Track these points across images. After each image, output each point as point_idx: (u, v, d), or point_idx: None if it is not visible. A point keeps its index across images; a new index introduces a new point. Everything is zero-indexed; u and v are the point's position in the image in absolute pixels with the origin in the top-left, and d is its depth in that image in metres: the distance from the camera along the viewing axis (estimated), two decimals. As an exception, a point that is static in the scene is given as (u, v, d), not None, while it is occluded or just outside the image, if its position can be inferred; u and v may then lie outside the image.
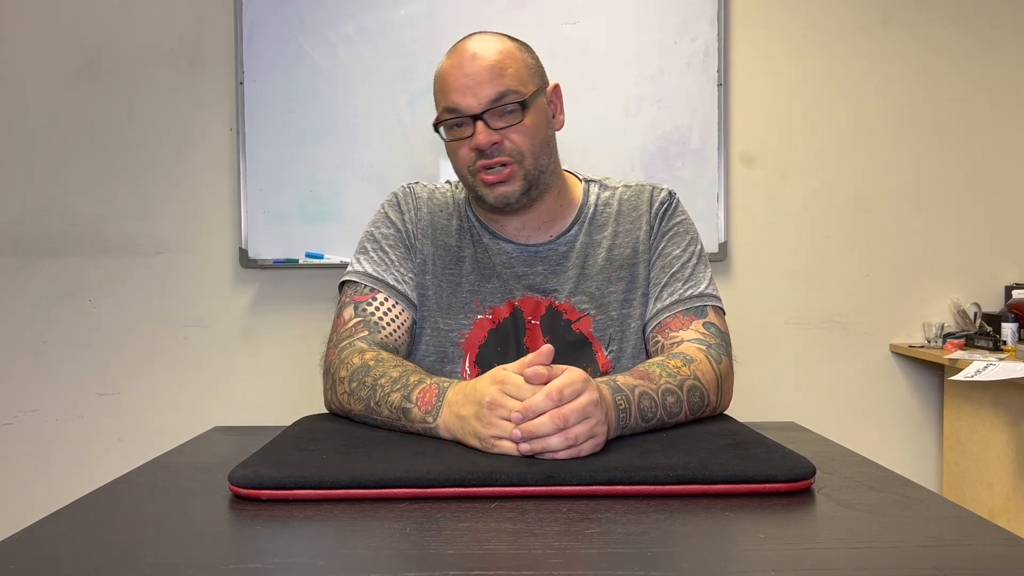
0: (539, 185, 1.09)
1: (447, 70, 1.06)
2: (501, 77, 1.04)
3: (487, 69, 1.03)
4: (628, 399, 0.85)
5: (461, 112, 1.04)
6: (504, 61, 1.05)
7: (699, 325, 1.06)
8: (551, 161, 1.11)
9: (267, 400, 2.38)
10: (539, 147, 1.07)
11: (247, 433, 1.02)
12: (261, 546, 0.61)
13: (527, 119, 1.05)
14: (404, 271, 1.13)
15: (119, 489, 0.77)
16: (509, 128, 1.04)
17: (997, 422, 2.06)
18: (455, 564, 0.55)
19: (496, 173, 1.05)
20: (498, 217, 1.13)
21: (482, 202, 1.09)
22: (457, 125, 1.06)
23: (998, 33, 2.44)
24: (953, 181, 2.45)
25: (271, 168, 2.32)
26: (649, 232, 1.14)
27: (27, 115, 2.37)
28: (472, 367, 1.10)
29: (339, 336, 1.06)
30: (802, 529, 0.65)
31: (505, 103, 1.03)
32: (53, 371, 2.38)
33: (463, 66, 1.04)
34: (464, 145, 1.06)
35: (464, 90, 1.03)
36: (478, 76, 1.03)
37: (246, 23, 2.30)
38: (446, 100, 1.05)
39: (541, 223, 1.14)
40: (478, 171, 1.06)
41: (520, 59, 1.07)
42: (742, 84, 2.39)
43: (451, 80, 1.05)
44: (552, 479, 0.70)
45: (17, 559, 0.57)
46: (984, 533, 0.62)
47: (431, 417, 0.86)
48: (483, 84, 1.03)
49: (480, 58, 1.04)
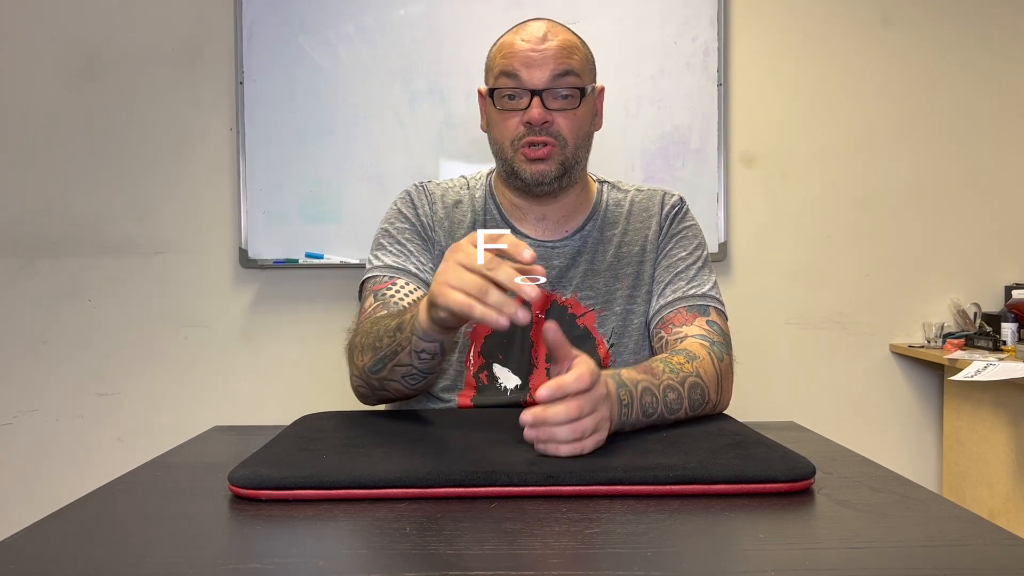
0: (572, 175, 1.11)
1: (513, 41, 1.07)
2: (568, 58, 1.06)
3: (556, 48, 1.05)
4: (631, 394, 0.86)
5: (521, 82, 1.05)
6: (572, 47, 1.07)
7: (702, 322, 1.07)
8: (586, 157, 1.14)
9: (267, 400, 2.38)
10: (581, 139, 1.10)
11: (247, 433, 1.02)
12: (261, 546, 0.61)
13: (580, 108, 1.08)
14: (424, 260, 1.13)
15: (119, 489, 0.77)
16: (561, 112, 1.06)
17: (997, 422, 2.06)
18: (455, 564, 0.55)
19: (539, 150, 1.06)
20: (523, 202, 1.14)
21: (515, 179, 1.10)
22: (510, 97, 1.07)
23: (998, 33, 2.44)
24: (953, 181, 2.45)
25: (271, 168, 2.31)
26: (658, 232, 1.16)
27: (27, 115, 2.37)
28: (476, 356, 1.11)
29: (359, 321, 1.08)
30: (802, 529, 0.65)
31: (566, 85, 1.05)
32: (53, 371, 2.37)
33: (532, 41, 1.06)
34: (514, 116, 1.07)
35: (530, 62, 1.05)
36: (546, 52, 1.05)
37: (246, 23, 2.30)
38: (507, 66, 1.06)
39: (561, 216, 1.16)
40: (522, 145, 1.07)
41: (584, 52, 1.10)
42: (742, 84, 2.39)
43: (517, 50, 1.06)
44: (552, 479, 0.70)
45: (17, 559, 0.57)
46: (984, 533, 0.62)
47: (419, 307, 0.84)
48: (549, 60, 1.05)
49: (550, 38, 1.06)
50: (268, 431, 0.97)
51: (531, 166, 1.07)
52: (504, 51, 1.08)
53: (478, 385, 1.10)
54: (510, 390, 1.10)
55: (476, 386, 1.10)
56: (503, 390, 1.10)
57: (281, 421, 1.01)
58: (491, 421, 0.95)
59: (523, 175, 1.08)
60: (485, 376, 1.11)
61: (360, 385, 1.01)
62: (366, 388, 1.00)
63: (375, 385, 0.98)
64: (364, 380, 0.99)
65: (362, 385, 1.01)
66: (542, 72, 1.05)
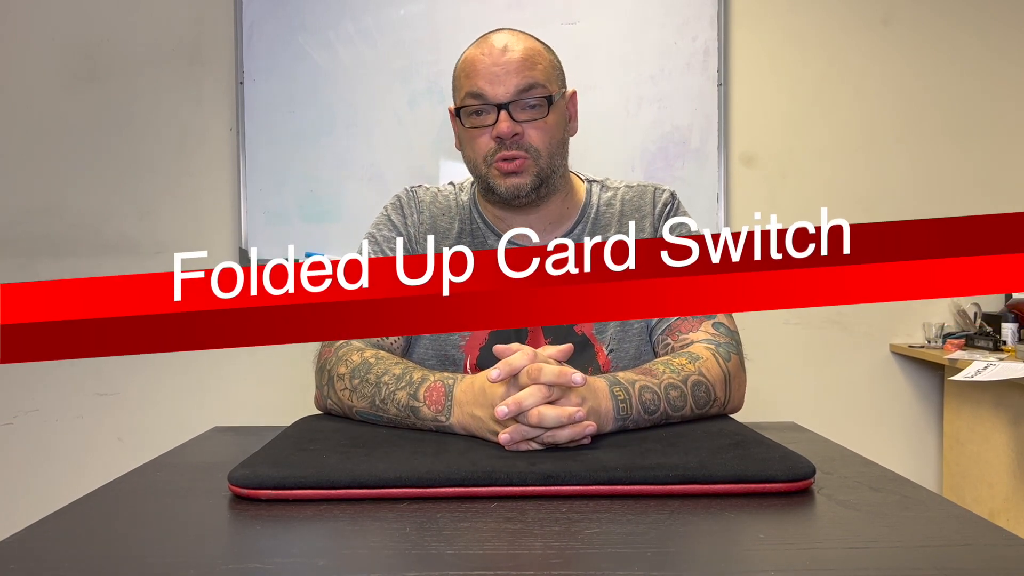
0: (549, 185, 1.09)
1: (475, 57, 1.06)
2: (531, 70, 1.05)
3: (517, 61, 1.04)
4: (627, 391, 0.86)
5: (486, 99, 1.04)
6: (534, 57, 1.06)
7: (708, 326, 1.06)
8: (563, 164, 1.12)
9: (267, 400, 2.38)
10: (555, 147, 1.08)
11: (247, 433, 1.02)
12: (261, 546, 0.61)
13: (550, 117, 1.06)
14: None
15: (119, 489, 0.77)
16: (531, 123, 1.05)
17: (997, 422, 2.06)
18: (455, 564, 0.55)
19: (511, 163, 1.05)
20: (505, 215, 1.13)
21: (492, 194, 1.10)
22: (478, 113, 1.06)
23: (999, 32, 2.44)
24: (953, 180, 2.45)
25: (271, 168, 2.31)
26: (653, 234, 1.14)
27: (27, 115, 2.37)
28: (473, 369, 1.10)
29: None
30: (802, 529, 0.65)
31: (532, 96, 1.04)
32: (53, 371, 2.37)
33: (493, 55, 1.05)
34: (484, 133, 1.06)
35: (492, 78, 1.04)
36: (508, 66, 1.04)
37: (246, 23, 2.30)
38: (471, 86, 1.05)
39: (547, 224, 1.14)
40: (495, 161, 1.06)
41: (548, 58, 1.09)
42: (742, 84, 2.39)
43: (479, 67, 1.05)
44: (552, 479, 0.70)
45: (17, 559, 0.57)
46: (984, 533, 0.62)
47: (443, 416, 0.87)
48: (512, 74, 1.04)
49: (511, 50, 1.05)
50: (268, 431, 0.97)
51: (505, 180, 1.06)
52: (467, 69, 1.07)
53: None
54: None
55: None
56: None
57: (281, 421, 1.01)
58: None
59: (498, 190, 1.08)
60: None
61: (333, 408, 1.00)
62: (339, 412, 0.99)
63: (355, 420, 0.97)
64: (342, 412, 0.98)
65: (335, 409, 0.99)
66: (506, 86, 1.04)
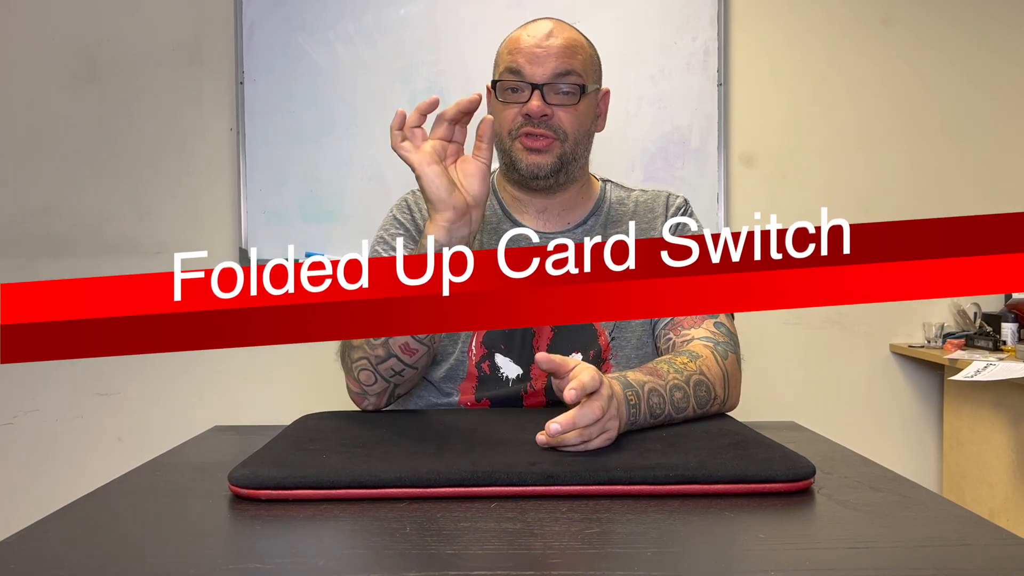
0: (569, 171, 1.12)
1: (520, 37, 1.10)
2: (571, 58, 1.08)
3: (560, 47, 1.08)
4: (638, 395, 0.87)
5: (523, 77, 1.08)
6: (575, 47, 1.10)
7: (710, 324, 1.09)
8: (585, 155, 1.15)
9: (267, 400, 2.38)
10: (581, 135, 1.12)
11: (247, 433, 1.02)
12: (261, 546, 0.61)
13: (580, 105, 1.10)
14: None
15: (119, 489, 0.77)
16: (561, 107, 1.09)
17: (997, 422, 2.06)
18: (455, 564, 0.55)
19: (537, 141, 1.08)
20: (523, 196, 1.16)
21: (513, 171, 1.12)
22: (513, 90, 1.09)
23: (999, 32, 2.44)
24: (953, 180, 2.44)
25: (271, 168, 2.32)
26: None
27: (27, 115, 2.36)
28: (478, 347, 1.12)
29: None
30: (802, 529, 0.65)
31: (566, 82, 1.08)
32: (53, 371, 2.37)
33: (537, 37, 1.09)
34: (514, 107, 1.09)
35: (533, 58, 1.07)
36: (549, 49, 1.08)
37: (246, 23, 2.30)
38: (512, 61, 1.09)
39: (562, 209, 1.17)
40: (520, 135, 1.09)
41: (589, 52, 1.13)
42: (742, 84, 2.39)
43: (522, 45, 1.09)
44: (552, 479, 0.70)
45: (17, 559, 0.57)
46: (984, 533, 0.62)
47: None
48: (552, 58, 1.07)
49: (555, 36, 1.09)
50: (268, 431, 0.97)
51: (528, 156, 1.09)
52: (510, 47, 1.11)
53: (480, 375, 1.11)
54: (512, 380, 1.11)
55: (478, 376, 1.11)
56: (505, 380, 1.11)
57: (281, 421, 1.01)
58: (491, 421, 0.95)
59: (520, 165, 1.10)
60: (487, 366, 1.11)
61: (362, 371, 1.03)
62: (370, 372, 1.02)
63: (381, 356, 1.01)
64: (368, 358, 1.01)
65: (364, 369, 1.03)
66: (544, 68, 1.07)
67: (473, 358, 1.12)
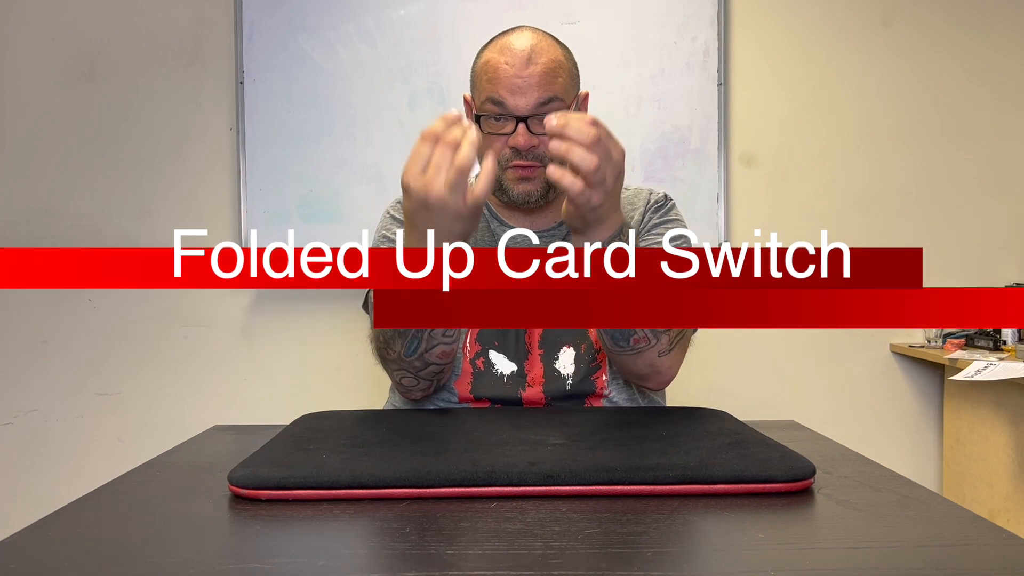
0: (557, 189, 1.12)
1: (498, 64, 1.08)
2: (552, 84, 1.07)
3: (540, 75, 1.06)
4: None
5: (506, 109, 1.07)
6: (555, 69, 1.08)
7: None
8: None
9: (267, 400, 2.38)
10: None
11: (247, 433, 1.02)
12: (261, 546, 0.61)
13: None
14: None
15: (119, 489, 0.77)
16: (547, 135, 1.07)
17: (997, 422, 2.06)
18: (455, 564, 0.55)
19: (526, 171, 1.09)
20: (511, 212, 1.18)
21: (503, 194, 1.13)
22: (496, 119, 1.09)
23: (999, 32, 2.44)
24: (953, 180, 2.45)
25: (271, 168, 2.31)
26: (640, 221, 1.19)
27: (27, 114, 2.36)
28: (473, 343, 1.13)
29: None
30: (802, 529, 0.65)
31: (550, 109, 1.06)
32: (53, 371, 2.37)
33: (516, 65, 1.07)
34: (500, 140, 1.09)
35: (514, 88, 1.06)
36: (530, 79, 1.06)
37: (246, 23, 2.30)
38: (493, 92, 1.08)
39: (549, 221, 1.19)
40: (508, 166, 1.10)
41: (567, 68, 1.11)
42: (742, 84, 2.39)
43: (502, 75, 1.07)
44: (552, 479, 0.70)
45: (17, 559, 0.57)
46: (984, 533, 0.62)
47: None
48: (533, 88, 1.06)
49: (534, 63, 1.07)
50: (268, 431, 0.97)
51: (519, 185, 1.11)
52: (489, 74, 1.09)
53: (475, 372, 1.12)
54: (506, 376, 1.11)
55: (473, 372, 1.12)
56: (499, 376, 1.11)
57: (281, 421, 1.01)
58: (491, 421, 0.95)
59: (512, 194, 1.12)
60: (481, 363, 1.12)
61: (404, 377, 1.06)
62: (412, 378, 1.06)
63: (418, 367, 1.03)
64: (407, 369, 1.04)
65: (406, 376, 1.06)
66: (527, 99, 1.06)
67: (468, 354, 1.13)
